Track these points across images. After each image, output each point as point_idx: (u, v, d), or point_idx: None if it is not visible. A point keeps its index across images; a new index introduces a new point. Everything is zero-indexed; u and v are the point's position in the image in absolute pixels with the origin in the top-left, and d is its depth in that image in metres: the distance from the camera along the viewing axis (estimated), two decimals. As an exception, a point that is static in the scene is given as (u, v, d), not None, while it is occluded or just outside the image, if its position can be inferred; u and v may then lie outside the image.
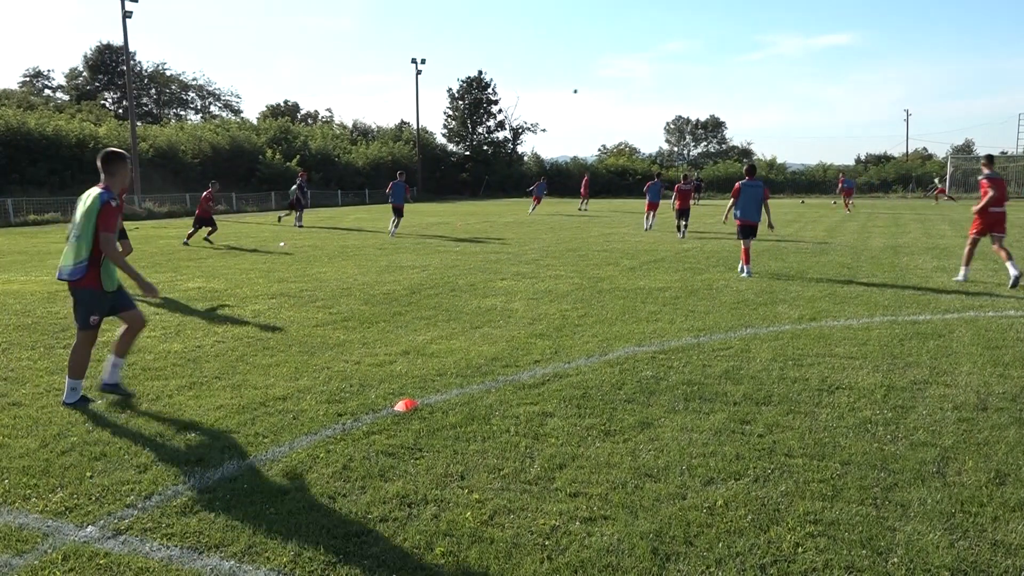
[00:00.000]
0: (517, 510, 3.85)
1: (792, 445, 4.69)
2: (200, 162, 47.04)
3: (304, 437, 4.91)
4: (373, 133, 73.17)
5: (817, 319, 8.59)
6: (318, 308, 9.62)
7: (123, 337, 5.86)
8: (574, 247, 17.82)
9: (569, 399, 5.65)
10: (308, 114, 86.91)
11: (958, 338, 7.53)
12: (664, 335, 7.81)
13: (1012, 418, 5.14)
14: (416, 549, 3.47)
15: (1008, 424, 5.03)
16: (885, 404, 5.46)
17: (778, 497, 3.97)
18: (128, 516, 3.82)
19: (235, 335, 8.02)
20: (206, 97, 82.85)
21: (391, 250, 17.43)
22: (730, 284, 11.40)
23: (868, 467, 4.34)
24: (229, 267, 14.37)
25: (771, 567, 3.30)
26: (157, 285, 11.76)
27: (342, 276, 12.73)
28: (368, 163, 59.61)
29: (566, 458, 4.53)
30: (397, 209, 22.09)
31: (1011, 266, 10.93)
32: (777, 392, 5.79)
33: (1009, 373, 6.25)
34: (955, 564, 3.29)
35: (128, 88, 41.17)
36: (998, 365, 6.50)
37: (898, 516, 3.74)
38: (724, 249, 17.03)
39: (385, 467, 4.41)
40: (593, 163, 75.18)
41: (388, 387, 6.02)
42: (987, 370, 6.35)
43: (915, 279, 11.78)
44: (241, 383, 6.18)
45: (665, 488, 4.09)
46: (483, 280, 12.10)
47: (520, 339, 7.68)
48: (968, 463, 4.39)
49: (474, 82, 73.26)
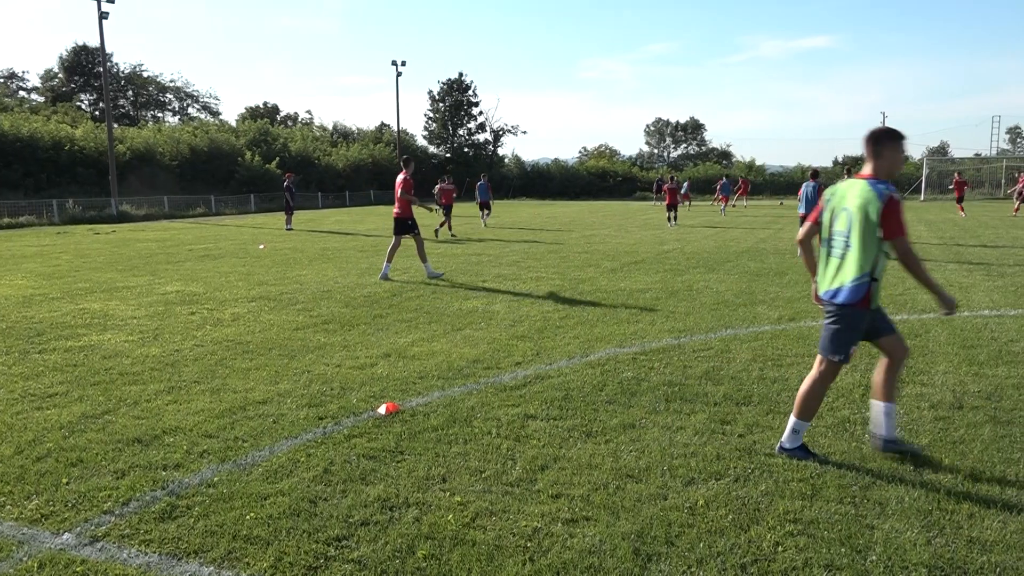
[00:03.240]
0: (499, 512, 3.85)
1: (772, 445, 4.72)
2: (178, 164, 46.67)
3: (284, 441, 4.88)
4: (353, 135, 72.86)
5: (796, 319, 8.67)
6: (298, 311, 9.57)
7: (887, 374, 4.56)
8: (555, 249, 17.86)
9: (551, 401, 5.65)
10: (288, 116, 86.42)
11: (934, 337, 7.63)
12: (645, 336, 7.85)
13: (987, 416, 5.21)
14: (398, 552, 3.46)
15: (983, 422, 5.09)
16: (863, 403, 5.51)
17: (758, 497, 4.00)
18: (105, 522, 3.78)
19: (214, 339, 7.96)
20: (184, 99, 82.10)
21: (372, 252, 17.37)
22: (710, 285, 11.47)
23: (846, 466, 4.39)
24: (208, 270, 14.26)
25: (751, 566, 3.32)
26: (134, 289, 11.68)
27: (322, 279, 12.68)
28: (348, 165, 59.38)
29: (548, 460, 4.53)
30: (484, 204, 27.60)
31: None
32: (757, 392, 5.83)
33: (984, 372, 6.34)
34: (932, 561, 3.33)
35: (105, 90, 40.73)
36: (973, 364, 6.59)
37: (876, 514, 3.78)
38: (704, 251, 17.14)
39: (366, 470, 4.39)
40: (574, 165, 75.38)
41: (369, 390, 6.00)
42: (962, 369, 6.44)
43: (891, 279, 11.91)
44: (220, 387, 6.13)
45: (646, 489, 4.11)
46: (464, 282, 12.09)
47: (502, 341, 7.68)
48: (944, 461, 4.44)
49: (455, 84, 73.20)
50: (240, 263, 15.54)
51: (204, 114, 79.44)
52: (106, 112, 40.38)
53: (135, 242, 21.60)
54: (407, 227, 12.95)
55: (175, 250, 18.75)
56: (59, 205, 33.56)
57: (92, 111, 67.38)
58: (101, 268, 14.84)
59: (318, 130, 72.62)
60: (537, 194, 65.41)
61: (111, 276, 13.44)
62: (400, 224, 12.96)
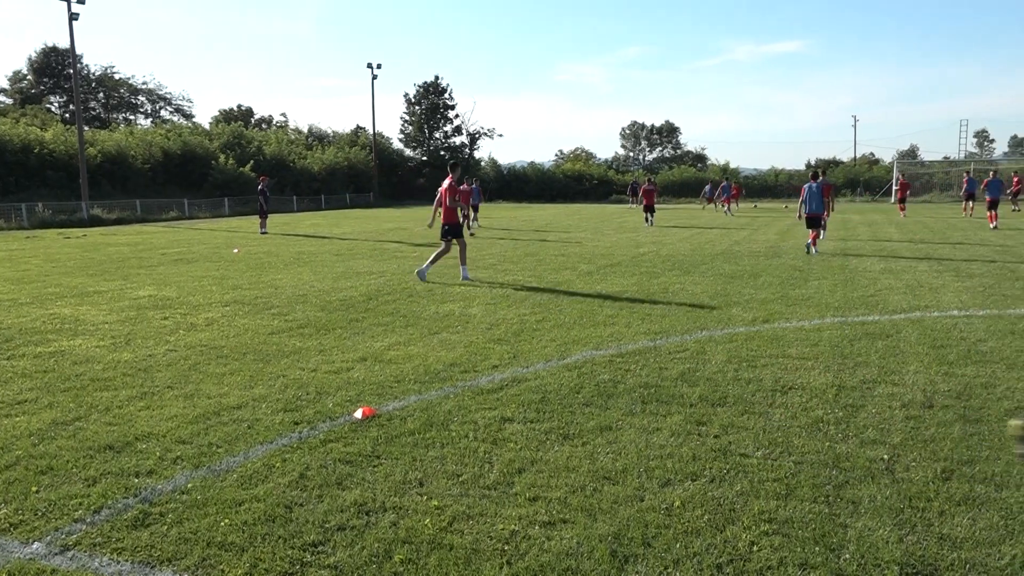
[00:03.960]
0: (476, 516, 3.84)
1: (747, 445, 4.76)
2: (151, 168, 46.14)
3: (259, 446, 4.84)
4: (329, 138, 72.44)
5: (770, 321, 8.75)
6: (273, 315, 9.49)
7: None
8: (531, 252, 17.88)
9: (528, 403, 5.66)
10: (262, 119, 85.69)
11: (905, 338, 7.74)
12: (621, 339, 7.88)
13: (957, 415, 5.29)
14: (375, 557, 3.44)
15: (953, 421, 5.17)
16: (836, 403, 5.58)
17: (734, 497, 4.03)
18: (76, 531, 3.72)
19: (188, 344, 7.87)
20: (156, 101, 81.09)
21: (347, 256, 17.29)
22: (686, 287, 11.54)
23: (820, 465, 4.44)
24: (181, 274, 14.11)
25: (727, 566, 3.34)
26: (106, 293, 11.52)
27: (298, 283, 12.59)
28: (324, 168, 59.05)
29: (525, 463, 4.54)
30: (474, 207, 27.80)
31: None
32: (732, 393, 5.88)
33: (954, 371, 6.44)
34: (904, 558, 3.38)
35: (75, 91, 40.15)
36: (943, 364, 6.69)
37: (849, 513, 3.83)
38: (679, 253, 17.25)
39: (343, 475, 4.37)
40: (550, 168, 75.53)
41: (345, 394, 5.96)
42: (933, 368, 6.53)
43: (864, 281, 12.07)
44: (194, 392, 6.06)
45: (623, 491, 4.12)
46: (440, 285, 12.07)
47: (478, 344, 7.68)
48: (916, 460, 4.50)
49: (431, 87, 73.06)
50: (214, 267, 15.39)
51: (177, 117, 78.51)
52: (76, 114, 39.82)
53: (106, 246, 21.31)
54: (455, 231, 13.15)
55: (148, 254, 18.52)
56: (28, 209, 33.03)
57: (62, 113, 66.43)
58: (72, 273, 14.62)
59: (293, 133, 72.14)
60: (513, 197, 65.44)
61: (82, 281, 13.25)
62: (448, 229, 13.14)
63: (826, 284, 11.68)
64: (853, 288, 11.23)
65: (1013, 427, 4.43)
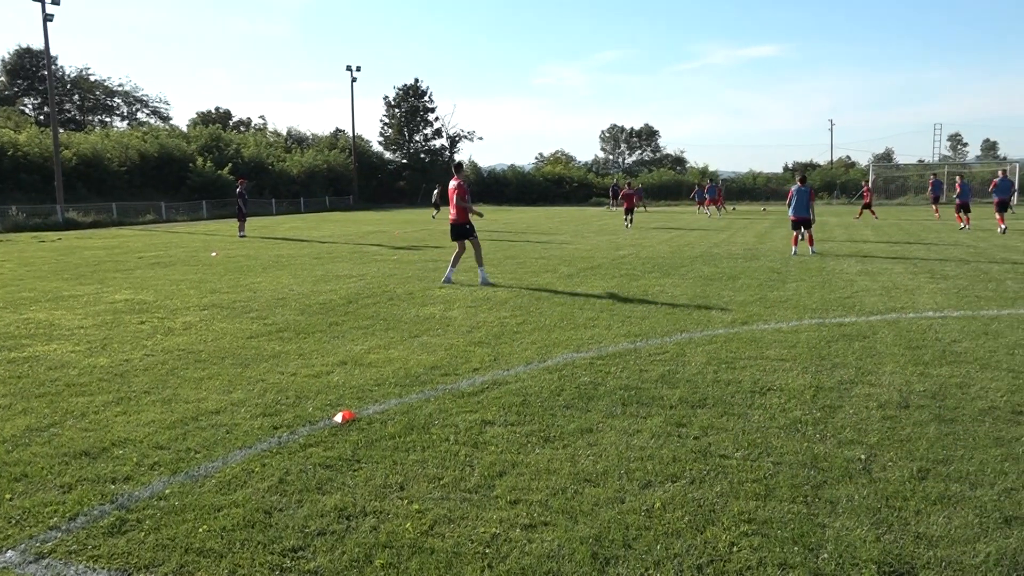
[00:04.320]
0: (457, 519, 3.84)
1: (727, 446, 4.79)
2: (127, 170, 45.65)
3: (238, 451, 4.80)
4: (308, 141, 72.11)
5: (749, 323, 8.82)
6: (252, 319, 9.42)
7: None
8: (512, 254, 17.89)
9: (508, 406, 5.66)
10: (241, 121, 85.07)
11: (881, 339, 7.82)
12: (602, 341, 7.90)
13: (932, 415, 5.36)
14: (355, 562, 3.43)
15: (929, 421, 5.24)
16: (814, 404, 5.63)
17: (713, 498, 4.05)
18: (51, 539, 3.67)
19: (165, 348, 7.79)
20: (133, 103, 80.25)
21: (327, 259, 17.20)
22: (665, 290, 11.60)
23: (799, 466, 4.47)
24: (159, 278, 13.97)
25: (708, 567, 3.36)
26: (81, 298, 11.38)
27: (277, 286, 12.51)
28: (303, 171, 58.77)
29: (506, 465, 4.54)
30: (436, 205, 29.54)
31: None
32: (712, 395, 5.91)
33: (929, 372, 6.52)
34: (881, 557, 3.42)
35: (50, 93, 39.66)
36: (919, 364, 6.77)
37: (827, 513, 3.86)
38: (659, 256, 17.34)
39: (322, 480, 4.34)
40: (530, 171, 75.62)
41: (325, 398, 5.93)
42: (909, 369, 6.61)
43: (841, 283, 12.19)
44: (172, 397, 6.00)
45: (604, 492, 4.13)
46: (421, 288, 12.04)
47: (459, 347, 7.67)
48: (892, 459, 4.56)
49: (411, 90, 72.92)
50: (192, 271, 15.25)
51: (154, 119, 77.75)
52: (51, 117, 39.33)
53: (82, 250, 21.06)
54: (465, 232, 12.94)
55: (124, 258, 18.32)
56: (1, 212, 32.57)
57: (36, 115, 65.55)
58: (46, 277, 14.43)
59: (272, 136, 71.75)
60: (493, 200, 65.42)
61: (57, 285, 13.08)
62: (458, 230, 12.97)
63: (804, 286, 11.78)
64: (830, 290, 11.34)
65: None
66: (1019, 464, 4.46)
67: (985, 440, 4.85)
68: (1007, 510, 3.86)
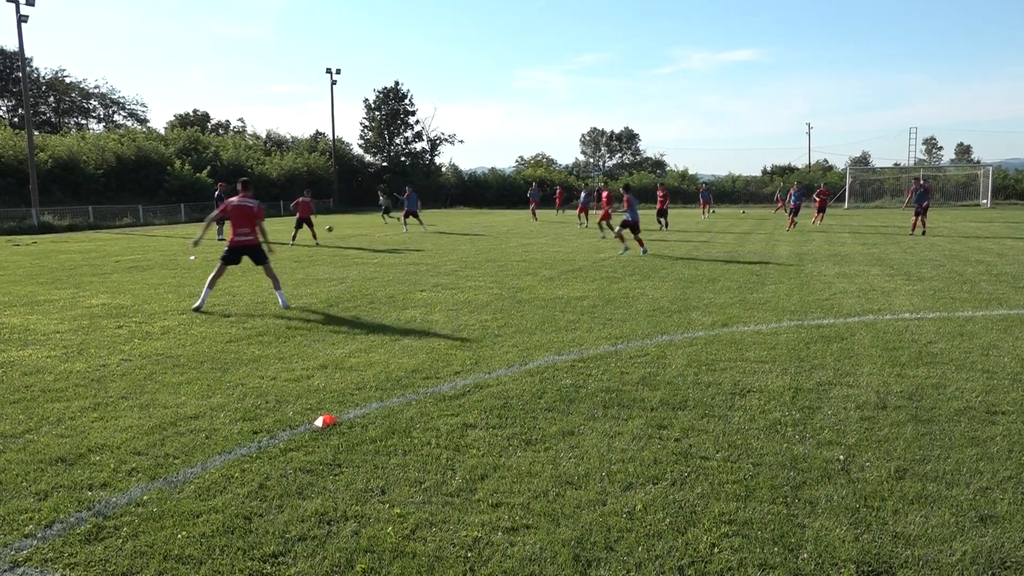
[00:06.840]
0: (439, 523, 3.83)
1: (707, 448, 4.82)
2: (104, 173, 45.11)
3: (218, 457, 4.76)
4: (288, 144, 71.61)
5: (729, 325, 8.87)
6: (231, 323, 9.35)
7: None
8: (493, 257, 17.89)
9: (490, 409, 5.65)
10: (219, 124, 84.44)
11: (859, 340, 7.90)
12: (583, 344, 7.92)
13: (909, 415, 5.42)
14: (336, 567, 3.41)
15: (906, 421, 5.30)
16: (793, 405, 5.68)
17: (694, 499, 4.07)
18: (27, 546, 3.62)
19: (143, 353, 7.71)
20: (109, 106, 79.23)
21: (307, 263, 17.11)
22: (646, 292, 11.65)
23: (778, 467, 4.51)
24: (136, 282, 13.83)
25: (689, 568, 3.38)
26: (57, 302, 11.23)
27: (256, 290, 12.42)
28: (283, 174, 58.36)
29: (488, 469, 4.53)
30: (411, 212, 29.00)
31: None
32: (692, 397, 5.94)
33: (906, 372, 6.60)
34: (860, 556, 3.45)
35: (24, 95, 39.12)
36: (896, 365, 6.85)
37: (807, 513, 3.90)
38: (639, 258, 17.40)
39: (303, 484, 4.32)
40: (511, 174, 75.66)
41: (306, 403, 5.90)
42: (886, 370, 6.68)
43: (819, 285, 12.31)
44: (150, 403, 5.94)
45: (586, 495, 4.14)
46: (402, 292, 12.01)
47: (440, 350, 7.65)
48: (870, 460, 4.60)
49: (391, 93, 72.70)
50: (170, 275, 15.11)
51: (131, 121, 76.78)
52: (26, 119, 38.79)
53: (58, 254, 20.79)
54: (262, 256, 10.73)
55: (101, 262, 18.11)
56: (-25, 216, 32.08)
57: (11, 118, 64.62)
58: (21, 281, 14.23)
59: (251, 139, 71.09)
60: (474, 203, 65.42)
61: (32, 289, 12.90)
62: (253, 252, 10.78)
63: (783, 288, 11.88)
64: (809, 292, 11.44)
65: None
66: (994, 464, 4.52)
67: (961, 440, 4.91)
68: (983, 509, 3.91)
